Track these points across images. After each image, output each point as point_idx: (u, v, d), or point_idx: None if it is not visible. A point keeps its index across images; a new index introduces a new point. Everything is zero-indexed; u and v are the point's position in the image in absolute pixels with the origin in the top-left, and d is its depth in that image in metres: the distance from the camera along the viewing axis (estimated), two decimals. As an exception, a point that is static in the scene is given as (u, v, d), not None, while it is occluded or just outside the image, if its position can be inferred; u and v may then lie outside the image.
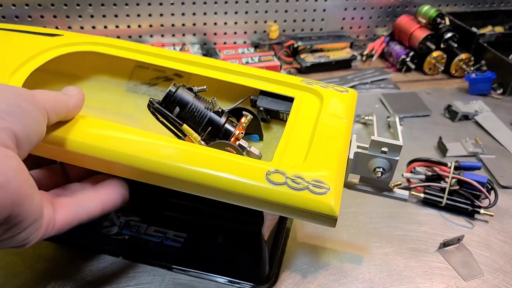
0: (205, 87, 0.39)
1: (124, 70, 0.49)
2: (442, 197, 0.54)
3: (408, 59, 0.89)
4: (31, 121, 0.27)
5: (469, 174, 0.53)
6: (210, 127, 0.38)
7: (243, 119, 0.39)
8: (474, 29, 0.89)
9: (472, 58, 0.86)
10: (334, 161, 0.34)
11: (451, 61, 0.87)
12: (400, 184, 0.40)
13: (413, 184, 0.56)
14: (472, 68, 0.86)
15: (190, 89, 0.38)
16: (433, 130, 0.71)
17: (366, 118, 0.71)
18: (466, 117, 0.74)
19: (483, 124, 0.73)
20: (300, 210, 0.31)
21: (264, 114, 0.43)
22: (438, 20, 0.87)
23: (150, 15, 0.86)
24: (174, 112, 0.38)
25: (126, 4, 0.83)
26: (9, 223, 0.25)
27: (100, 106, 0.47)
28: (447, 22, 0.88)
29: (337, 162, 0.35)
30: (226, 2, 0.88)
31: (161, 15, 0.86)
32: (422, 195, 0.55)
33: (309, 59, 0.88)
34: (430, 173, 0.56)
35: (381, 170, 0.38)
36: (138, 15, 0.85)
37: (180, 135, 0.38)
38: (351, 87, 0.82)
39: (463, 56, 0.86)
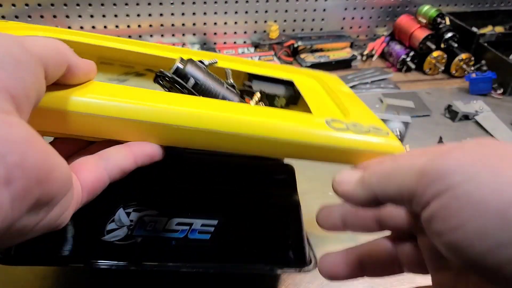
0: (215, 60, 0.36)
1: None
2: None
3: (408, 59, 0.89)
4: (27, 74, 0.20)
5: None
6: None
7: (250, 101, 0.36)
8: (474, 29, 0.89)
9: (473, 58, 0.86)
10: (373, 115, 0.34)
11: (452, 61, 0.87)
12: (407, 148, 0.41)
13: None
14: (472, 68, 0.86)
15: (201, 62, 0.35)
16: (433, 130, 0.71)
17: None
18: (466, 117, 0.74)
19: (483, 124, 0.72)
20: (372, 153, 0.29)
21: (264, 98, 0.41)
22: (439, 20, 0.87)
23: (150, 15, 0.86)
24: (188, 83, 0.33)
25: (126, 4, 0.83)
26: (40, 206, 0.20)
27: None
28: (447, 22, 0.88)
29: (376, 117, 0.34)
30: (226, 2, 0.88)
31: (161, 15, 0.86)
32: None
33: (309, 59, 0.88)
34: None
35: (397, 133, 0.38)
36: (138, 15, 0.85)
37: None
38: (351, 87, 0.82)
39: (463, 56, 0.86)
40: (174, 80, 0.32)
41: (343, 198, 0.26)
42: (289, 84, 0.40)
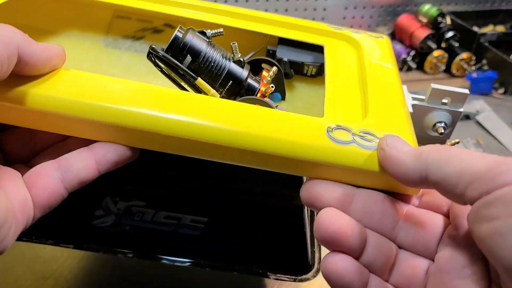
0: (221, 30, 0.31)
1: (100, 21, 0.39)
2: (443, 198, 0.53)
3: (409, 58, 0.88)
4: None
5: (470, 174, 0.53)
6: (231, 81, 0.30)
7: (265, 73, 0.31)
8: (475, 29, 0.89)
9: (473, 58, 0.86)
10: (401, 113, 0.27)
11: (452, 61, 0.86)
12: (458, 143, 0.32)
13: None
14: (473, 68, 0.86)
15: (203, 33, 0.30)
16: (434, 130, 0.71)
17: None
18: (467, 116, 0.74)
19: (484, 124, 0.72)
20: (376, 174, 0.24)
21: (288, 67, 0.35)
22: (439, 19, 0.86)
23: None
24: (184, 62, 0.29)
25: None
26: None
27: (74, 66, 0.35)
28: (448, 22, 0.88)
29: (405, 115, 0.27)
30: (226, 1, 0.88)
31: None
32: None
33: (310, 58, 0.87)
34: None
35: (443, 125, 0.31)
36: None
37: (193, 91, 0.30)
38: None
39: (464, 55, 0.85)
40: (167, 59, 0.29)
41: (388, 163, 0.23)
42: (320, 50, 0.34)
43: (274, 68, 0.31)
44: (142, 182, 0.33)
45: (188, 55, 0.29)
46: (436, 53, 0.86)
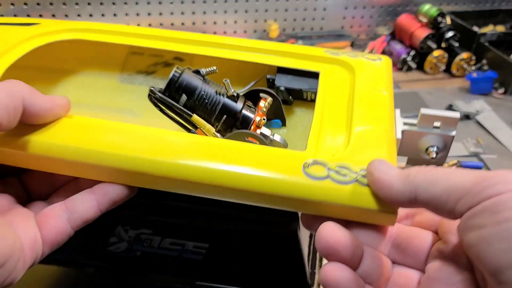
0: (214, 67, 0.33)
1: (116, 58, 0.42)
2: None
3: (409, 58, 0.88)
4: None
5: (470, 175, 0.53)
6: (225, 116, 0.32)
7: (262, 103, 0.33)
8: (475, 28, 0.89)
9: (473, 58, 0.86)
10: (384, 143, 0.28)
11: (452, 61, 0.86)
12: (457, 164, 0.34)
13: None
14: (473, 68, 0.86)
15: (197, 72, 0.32)
16: (434, 130, 0.71)
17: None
18: (467, 116, 0.74)
19: (484, 124, 0.72)
20: (351, 208, 0.25)
21: (285, 94, 0.37)
22: (439, 19, 0.86)
23: (149, 14, 0.85)
24: (180, 101, 0.31)
25: (125, 3, 0.83)
26: None
27: (92, 102, 0.40)
28: (448, 21, 0.88)
29: (387, 145, 0.28)
30: (225, 1, 0.87)
31: (160, 14, 0.86)
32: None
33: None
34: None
35: (435, 150, 0.32)
36: (137, 14, 0.85)
37: (190, 128, 0.32)
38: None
39: (464, 55, 0.85)
40: (164, 100, 0.31)
41: (378, 186, 0.24)
42: (317, 75, 0.36)
43: (269, 99, 0.33)
44: (148, 212, 0.37)
45: (184, 94, 0.31)
46: (436, 53, 0.86)
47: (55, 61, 0.42)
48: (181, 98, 0.31)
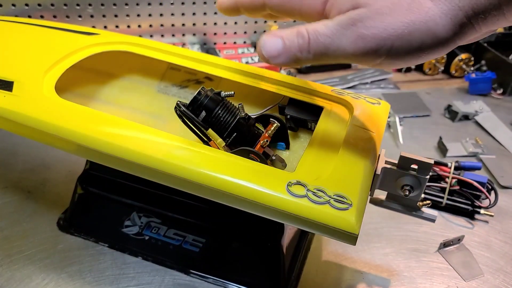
0: (232, 92, 0.38)
1: (157, 71, 0.50)
2: (442, 197, 0.54)
3: (408, 59, 0.89)
4: None
5: (469, 174, 0.53)
6: (235, 133, 0.37)
7: (269, 127, 0.38)
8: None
9: (472, 58, 0.86)
10: (359, 176, 0.33)
11: (451, 61, 0.87)
12: (429, 204, 0.38)
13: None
14: (472, 68, 0.86)
15: (218, 94, 0.38)
16: (433, 130, 0.71)
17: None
18: (466, 117, 0.74)
19: (483, 124, 0.73)
20: (320, 225, 0.31)
21: (292, 122, 0.43)
22: (438, 20, 0.87)
23: (150, 15, 0.86)
24: (200, 116, 0.37)
25: (126, 4, 0.83)
26: None
27: (131, 105, 0.48)
28: (447, 22, 0.88)
29: (362, 178, 0.33)
30: None
31: (161, 15, 0.86)
32: (422, 195, 0.55)
33: (309, 59, 0.88)
34: (430, 173, 0.56)
35: (408, 188, 0.36)
36: (138, 15, 0.85)
37: (205, 139, 0.38)
38: (351, 87, 0.82)
39: (463, 56, 0.86)
40: (187, 114, 0.37)
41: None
42: (321, 110, 0.41)
43: (276, 124, 0.38)
44: (160, 205, 0.45)
45: (204, 110, 0.37)
46: (435, 53, 0.87)
47: (107, 66, 0.49)
48: (201, 114, 0.37)
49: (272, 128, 0.38)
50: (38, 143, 0.39)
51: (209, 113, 0.37)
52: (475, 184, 0.52)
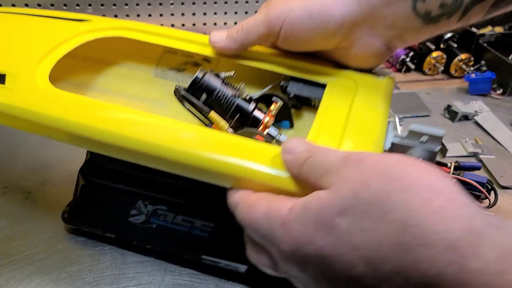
0: (232, 72, 0.38)
1: (152, 55, 0.48)
2: (442, 197, 0.53)
3: (407, 59, 0.89)
4: None
5: (468, 175, 0.53)
6: (238, 114, 0.36)
7: (272, 106, 0.37)
8: (473, 29, 0.89)
9: (472, 58, 0.86)
10: (369, 151, 0.32)
11: (451, 61, 0.87)
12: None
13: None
14: (471, 68, 0.86)
15: (217, 75, 0.37)
16: (433, 130, 0.71)
17: (366, 118, 0.71)
18: (466, 117, 0.74)
19: (483, 124, 0.72)
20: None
21: (295, 100, 0.41)
22: (438, 20, 0.87)
23: (149, 15, 0.86)
24: (201, 98, 0.36)
25: (126, 4, 0.83)
26: None
27: (128, 92, 0.47)
28: (447, 22, 0.88)
29: (372, 148, 0.33)
30: (225, 2, 0.88)
31: (161, 15, 0.86)
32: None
33: (309, 59, 0.88)
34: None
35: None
36: (138, 15, 0.85)
37: (207, 122, 0.37)
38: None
39: (462, 56, 0.86)
40: (187, 97, 0.36)
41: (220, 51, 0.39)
42: (324, 87, 0.40)
43: (279, 103, 0.38)
44: (165, 192, 0.43)
45: (204, 92, 0.36)
46: (435, 53, 0.87)
47: (101, 53, 0.48)
48: (202, 96, 0.36)
49: (275, 107, 0.37)
50: (38, 143, 0.38)
51: (210, 95, 0.36)
52: (475, 184, 0.52)
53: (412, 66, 0.89)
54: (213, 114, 0.36)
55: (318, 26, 0.34)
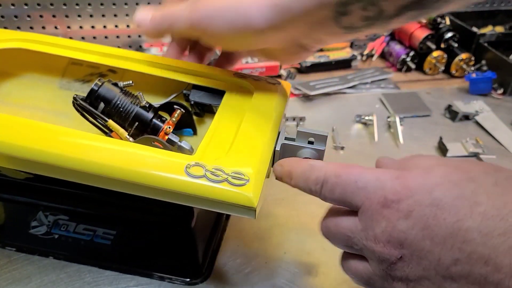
0: (130, 81, 0.39)
1: (57, 67, 0.48)
2: (443, 198, 0.53)
3: (408, 59, 0.89)
4: None
5: (469, 175, 0.53)
6: (137, 122, 0.38)
7: (173, 114, 0.39)
8: (474, 29, 0.89)
9: (473, 58, 0.86)
10: (256, 153, 0.35)
11: (452, 61, 0.87)
12: None
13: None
14: (472, 68, 0.86)
15: (116, 84, 0.38)
16: (433, 130, 0.71)
17: (367, 118, 0.71)
18: (466, 117, 0.74)
19: (483, 124, 0.72)
20: (219, 202, 0.32)
21: (198, 108, 0.43)
22: (439, 19, 0.87)
23: (137, 3, 0.85)
24: (99, 108, 0.37)
25: (126, 4, 0.83)
26: None
27: (31, 103, 0.46)
28: (448, 22, 0.88)
29: (259, 154, 0.35)
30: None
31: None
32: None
33: (309, 58, 0.87)
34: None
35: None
36: (127, 15, 0.85)
37: (107, 131, 0.38)
38: (351, 87, 0.82)
39: (463, 56, 0.86)
40: (83, 107, 0.37)
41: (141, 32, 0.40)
42: (223, 94, 0.42)
43: (179, 111, 0.39)
44: (66, 202, 0.43)
45: (102, 102, 0.37)
46: (436, 53, 0.87)
47: (2, 65, 0.47)
48: (100, 106, 0.37)
49: (176, 115, 0.39)
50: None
51: (108, 104, 0.37)
52: (476, 184, 0.52)
53: (413, 66, 0.89)
54: (111, 123, 0.37)
55: (239, 30, 0.35)
